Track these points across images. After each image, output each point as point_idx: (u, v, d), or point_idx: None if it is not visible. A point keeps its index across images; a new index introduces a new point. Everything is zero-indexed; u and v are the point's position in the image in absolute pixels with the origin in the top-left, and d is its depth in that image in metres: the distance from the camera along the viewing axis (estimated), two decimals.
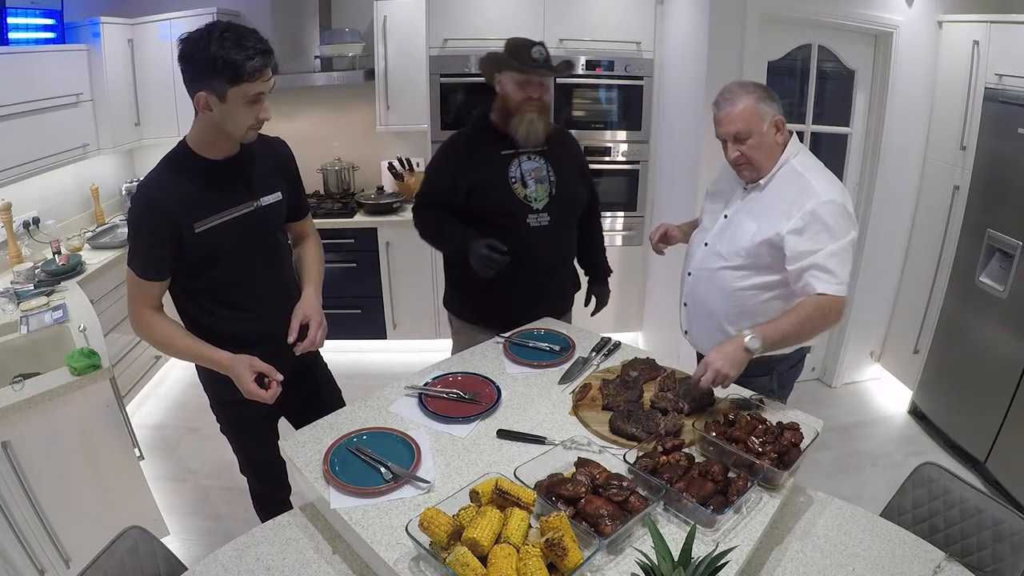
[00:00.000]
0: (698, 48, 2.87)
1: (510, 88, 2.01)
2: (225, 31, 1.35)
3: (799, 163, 1.70)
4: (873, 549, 1.31)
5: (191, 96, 1.41)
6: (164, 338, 1.55)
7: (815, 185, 1.63)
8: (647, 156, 3.59)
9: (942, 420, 3.02)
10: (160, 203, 1.46)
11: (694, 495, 1.23)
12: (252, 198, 1.59)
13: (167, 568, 1.35)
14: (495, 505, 1.17)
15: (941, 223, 3.00)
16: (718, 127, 1.70)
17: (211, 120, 1.43)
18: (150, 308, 1.54)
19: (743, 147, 1.66)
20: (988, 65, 2.64)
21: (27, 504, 1.89)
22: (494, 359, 1.87)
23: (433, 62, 3.36)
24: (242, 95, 1.38)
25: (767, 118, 1.65)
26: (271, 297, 1.66)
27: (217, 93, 1.38)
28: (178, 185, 1.48)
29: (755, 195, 1.75)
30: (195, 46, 1.35)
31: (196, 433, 3.09)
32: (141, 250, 1.50)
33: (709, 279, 1.81)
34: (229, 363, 1.51)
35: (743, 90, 1.67)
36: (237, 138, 1.50)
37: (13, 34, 2.97)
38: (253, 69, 1.36)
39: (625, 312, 3.91)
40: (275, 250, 1.68)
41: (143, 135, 3.59)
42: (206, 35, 1.34)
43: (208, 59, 1.33)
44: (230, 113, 1.41)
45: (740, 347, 1.52)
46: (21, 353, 2.24)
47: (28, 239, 3.01)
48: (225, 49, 1.33)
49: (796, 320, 1.58)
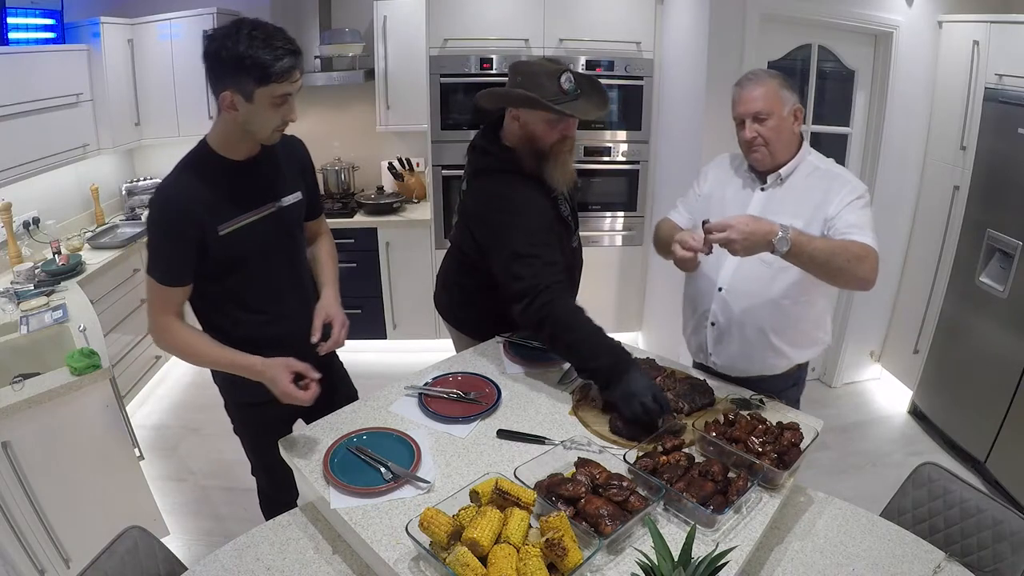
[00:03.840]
0: (698, 48, 2.87)
1: (538, 128, 1.72)
2: (254, 29, 1.31)
3: (817, 159, 1.72)
4: (873, 549, 1.31)
5: (215, 94, 1.37)
6: (188, 347, 1.50)
7: (844, 174, 1.68)
8: (647, 156, 3.59)
9: (942, 420, 3.02)
10: (183, 205, 1.41)
11: (694, 495, 1.23)
12: (274, 199, 1.56)
13: (167, 568, 1.35)
14: (495, 505, 1.17)
15: (941, 223, 3.00)
16: (738, 106, 1.66)
17: (235, 120, 1.39)
18: (172, 316, 1.48)
19: (762, 127, 1.63)
20: (988, 65, 2.64)
21: (27, 504, 1.89)
22: (494, 359, 1.87)
23: (433, 62, 3.36)
24: (269, 96, 1.35)
25: (788, 104, 1.64)
26: (292, 299, 1.63)
27: (244, 93, 1.34)
28: (201, 187, 1.44)
29: (776, 192, 1.70)
30: (222, 44, 1.30)
31: (196, 433, 3.09)
32: (163, 255, 1.44)
33: (752, 292, 1.69)
34: (263, 367, 1.45)
35: (767, 74, 1.68)
36: (261, 139, 1.46)
37: (13, 34, 2.97)
38: (282, 70, 1.33)
39: (625, 312, 3.91)
40: (296, 251, 1.66)
41: (143, 135, 3.59)
42: (234, 33, 1.30)
43: (236, 58, 1.29)
44: (256, 113, 1.38)
45: (767, 240, 1.43)
46: (21, 353, 2.24)
47: (28, 239, 3.01)
48: (254, 48, 1.29)
49: (831, 246, 1.50)
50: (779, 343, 1.72)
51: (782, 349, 1.73)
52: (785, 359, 1.75)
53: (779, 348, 1.72)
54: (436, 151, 3.50)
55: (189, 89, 3.51)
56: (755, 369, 1.76)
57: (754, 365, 1.75)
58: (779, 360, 1.75)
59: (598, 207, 3.68)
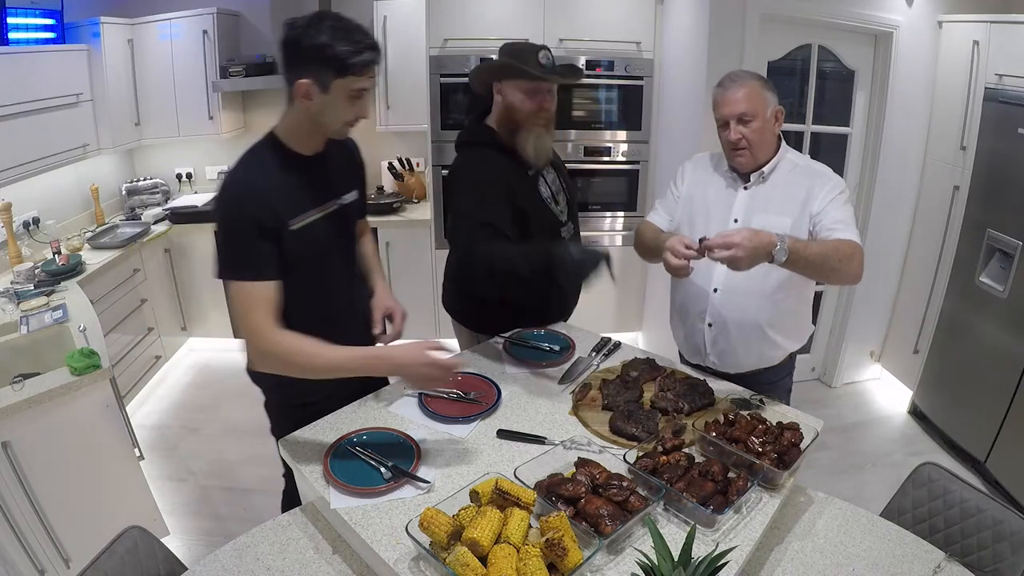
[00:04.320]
0: (698, 48, 2.87)
1: (516, 99, 1.82)
2: (337, 21, 1.32)
3: (794, 156, 1.76)
4: (873, 549, 1.31)
5: (289, 83, 1.35)
6: (305, 355, 1.36)
7: (825, 171, 1.71)
8: (647, 156, 3.59)
9: (942, 420, 3.02)
10: (260, 193, 1.37)
11: (694, 495, 1.23)
12: (335, 196, 1.55)
13: (167, 568, 1.35)
14: (495, 505, 1.16)
15: (941, 223, 3.00)
16: (722, 107, 1.67)
17: (308, 110, 1.37)
18: (277, 321, 1.36)
19: (746, 129, 1.65)
20: (988, 65, 2.64)
21: (27, 504, 1.90)
22: (494, 359, 1.87)
23: (433, 62, 3.36)
24: (346, 88, 1.35)
25: (770, 105, 1.66)
26: (346, 298, 1.62)
27: (320, 83, 1.33)
28: (273, 177, 1.40)
29: (760, 190, 1.72)
30: (304, 32, 1.30)
31: (196, 433, 3.09)
32: (252, 248, 1.36)
33: (748, 289, 1.71)
34: (403, 356, 1.36)
35: (748, 74, 1.69)
36: (331, 132, 1.44)
37: (13, 34, 2.97)
38: (362, 63, 1.33)
39: (625, 312, 3.91)
40: (350, 251, 1.66)
41: (143, 135, 3.59)
42: (316, 22, 1.31)
43: (317, 47, 1.29)
44: (330, 105, 1.36)
45: (767, 252, 1.46)
46: (21, 353, 2.24)
47: (28, 239, 3.01)
48: (336, 39, 1.30)
49: (824, 249, 1.55)
50: (775, 336, 1.76)
51: (777, 341, 1.78)
52: (780, 350, 1.81)
53: (775, 340, 1.77)
54: (436, 151, 3.50)
55: (189, 89, 3.51)
56: (752, 363, 1.80)
57: (752, 359, 1.79)
58: (775, 352, 1.80)
59: (598, 207, 3.68)
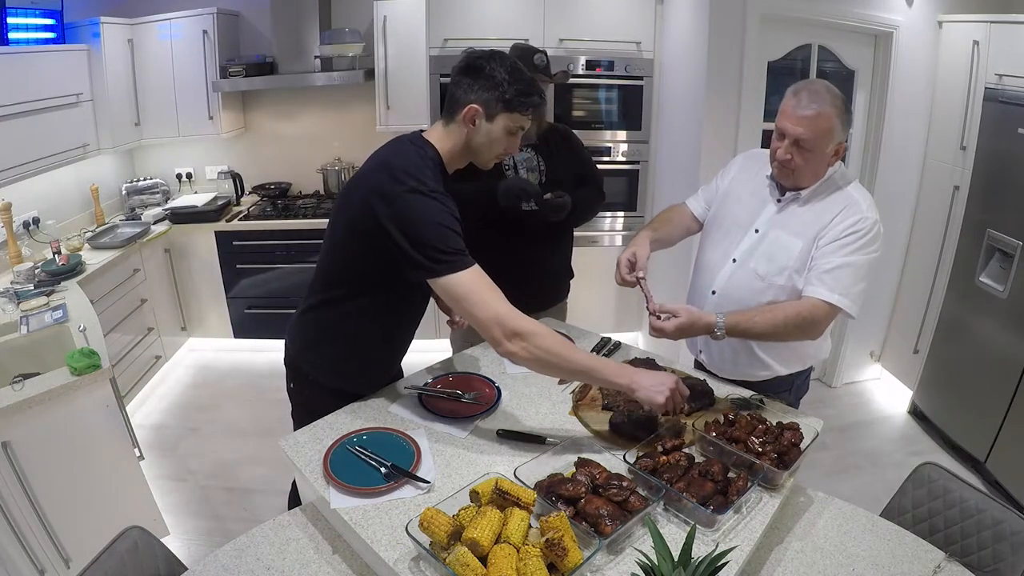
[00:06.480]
0: (698, 48, 2.87)
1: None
2: (514, 64, 1.45)
3: (840, 177, 1.61)
4: (873, 549, 1.31)
5: (461, 106, 1.44)
6: (556, 351, 1.36)
7: (859, 200, 1.57)
8: (647, 156, 3.59)
9: (942, 420, 3.02)
10: (443, 185, 1.43)
11: (694, 495, 1.23)
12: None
13: (167, 568, 1.36)
14: (495, 505, 1.17)
15: (941, 223, 3.00)
16: (786, 119, 1.51)
17: (467, 135, 1.46)
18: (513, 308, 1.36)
19: (798, 154, 1.52)
20: (988, 65, 2.64)
21: (27, 504, 1.89)
22: (494, 359, 1.87)
23: (433, 62, 3.36)
24: (507, 123, 1.45)
25: (835, 140, 1.52)
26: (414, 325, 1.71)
27: (488, 112, 1.43)
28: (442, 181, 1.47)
29: (794, 210, 1.62)
30: (488, 62, 1.42)
31: (196, 433, 3.09)
32: (456, 236, 1.36)
33: (742, 300, 1.64)
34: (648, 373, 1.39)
35: (831, 96, 1.49)
36: (480, 160, 1.51)
37: (13, 34, 2.97)
38: (531, 104, 1.45)
39: (625, 312, 3.91)
40: None
41: (143, 135, 3.59)
42: (499, 57, 1.44)
43: (498, 79, 1.41)
44: (489, 135, 1.45)
45: (705, 331, 1.52)
46: (21, 353, 2.24)
47: (28, 239, 3.01)
48: (515, 77, 1.42)
49: (772, 322, 1.51)
50: (762, 355, 1.70)
51: (765, 360, 1.71)
52: (767, 370, 1.73)
53: (762, 359, 1.71)
54: None
55: (189, 89, 3.51)
56: (738, 373, 1.76)
57: (737, 369, 1.76)
58: (761, 370, 1.74)
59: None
